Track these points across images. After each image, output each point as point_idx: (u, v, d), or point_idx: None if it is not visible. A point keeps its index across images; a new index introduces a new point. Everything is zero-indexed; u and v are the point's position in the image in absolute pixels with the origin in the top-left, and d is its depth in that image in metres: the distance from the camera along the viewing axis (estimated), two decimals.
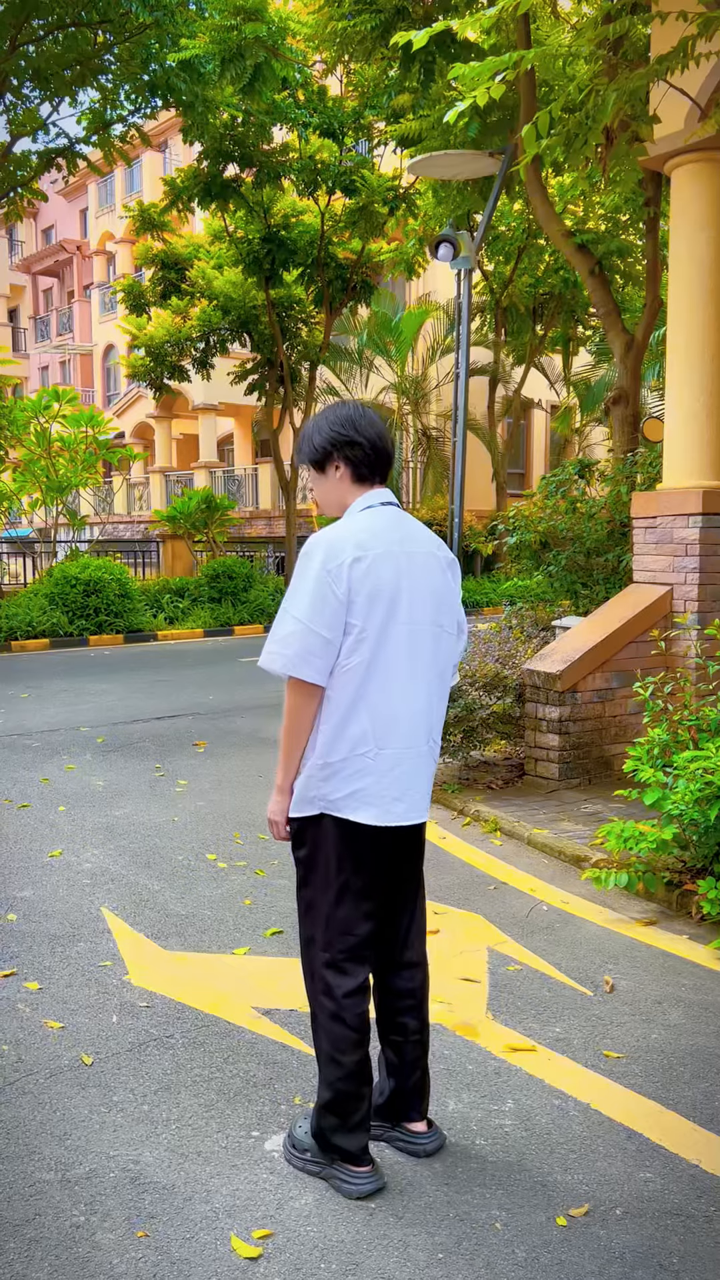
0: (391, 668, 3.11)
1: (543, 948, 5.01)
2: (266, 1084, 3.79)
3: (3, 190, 19.16)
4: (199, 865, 6.23)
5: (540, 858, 6.42)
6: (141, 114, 18.77)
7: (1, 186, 19.08)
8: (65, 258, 50.12)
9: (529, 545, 10.41)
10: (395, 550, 3.11)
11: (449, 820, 7.25)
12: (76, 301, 49.22)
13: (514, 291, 24.61)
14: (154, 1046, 4.05)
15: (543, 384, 30.56)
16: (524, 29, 9.21)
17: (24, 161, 19.26)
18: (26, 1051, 4.01)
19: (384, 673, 3.10)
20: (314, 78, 19.38)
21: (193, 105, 17.09)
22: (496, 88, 5.81)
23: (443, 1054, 4.00)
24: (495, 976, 4.69)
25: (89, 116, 18.46)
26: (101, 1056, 3.97)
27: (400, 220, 20.70)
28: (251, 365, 25.70)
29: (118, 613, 18.83)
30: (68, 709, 11.37)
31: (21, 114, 18.66)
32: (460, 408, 10.70)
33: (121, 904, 5.59)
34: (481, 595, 24.47)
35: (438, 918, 5.37)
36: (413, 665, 3.15)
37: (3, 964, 4.80)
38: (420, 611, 3.15)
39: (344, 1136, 3.18)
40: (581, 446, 31.45)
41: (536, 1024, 4.25)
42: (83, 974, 4.69)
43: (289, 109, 18.80)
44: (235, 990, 4.53)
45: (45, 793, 7.89)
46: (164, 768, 8.69)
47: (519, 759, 8.39)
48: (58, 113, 18.50)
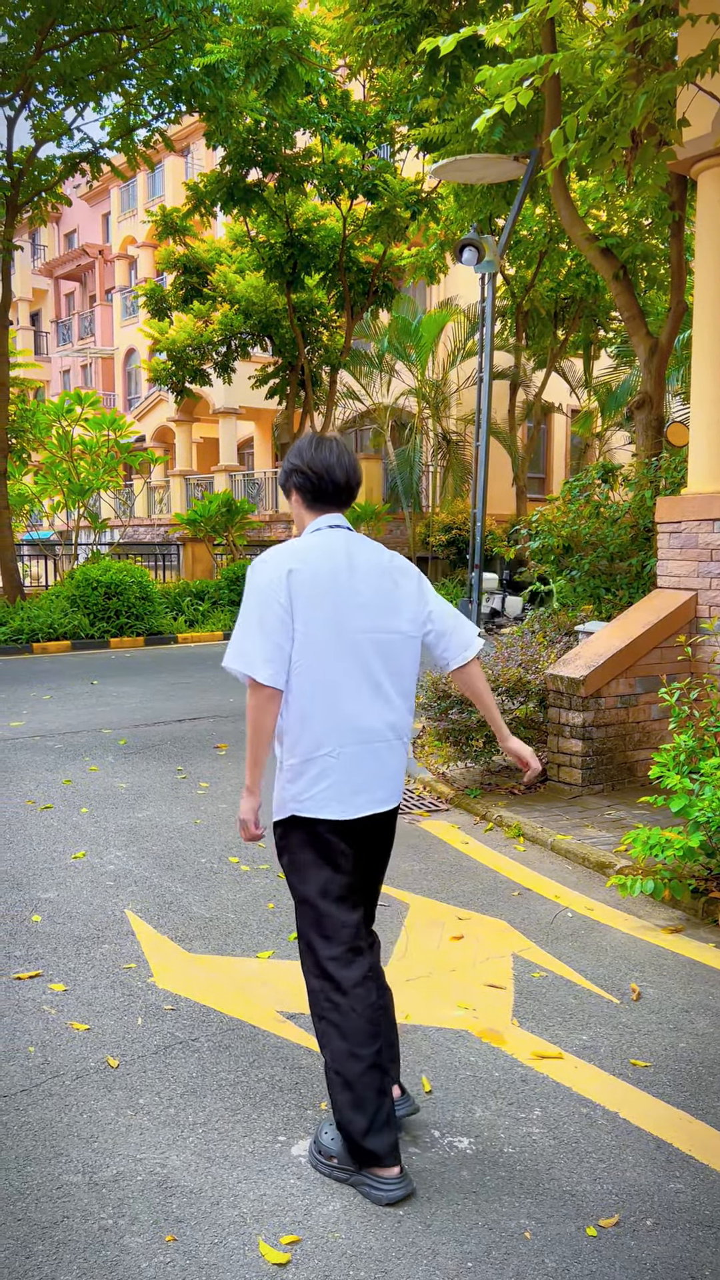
0: (341, 670, 3.27)
1: (568, 954, 4.99)
2: (292, 1089, 3.77)
3: (27, 195, 19.20)
4: (222, 868, 6.22)
5: (564, 864, 6.39)
6: (165, 119, 18.80)
7: (26, 191, 19.12)
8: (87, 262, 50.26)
9: (552, 550, 10.38)
10: (337, 563, 3.29)
11: (471, 825, 7.22)
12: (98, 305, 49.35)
13: (535, 295, 24.55)
14: (179, 1050, 4.04)
15: (563, 388, 30.48)
16: (549, 32, 9.20)
17: (48, 166, 19.31)
18: (53, 1053, 4.00)
19: (335, 675, 3.26)
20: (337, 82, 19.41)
21: (216, 110, 17.12)
22: (524, 93, 5.79)
23: (469, 1060, 3.97)
24: (521, 983, 4.66)
25: (113, 121, 18.50)
26: (127, 1059, 3.96)
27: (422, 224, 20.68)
28: (272, 369, 25.76)
29: (138, 615, 18.85)
30: (89, 711, 11.38)
31: (46, 119, 18.69)
32: (483, 411, 10.67)
33: (145, 906, 5.58)
34: None
35: (462, 923, 5.35)
36: (364, 667, 3.30)
37: (28, 965, 4.80)
38: (366, 618, 3.30)
39: (374, 1138, 3.15)
40: (602, 451, 31.35)
41: (563, 1031, 4.23)
42: (107, 976, 4.69)
43: (312, 114, 18.85)
44: (259, 994, 4.52)
45: (68, 794, 7.90)
46: (186, 770, 8.68)
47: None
48: (82, 117, 18.51)
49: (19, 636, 17.40)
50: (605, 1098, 3.74)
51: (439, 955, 4.95)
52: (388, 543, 27.30)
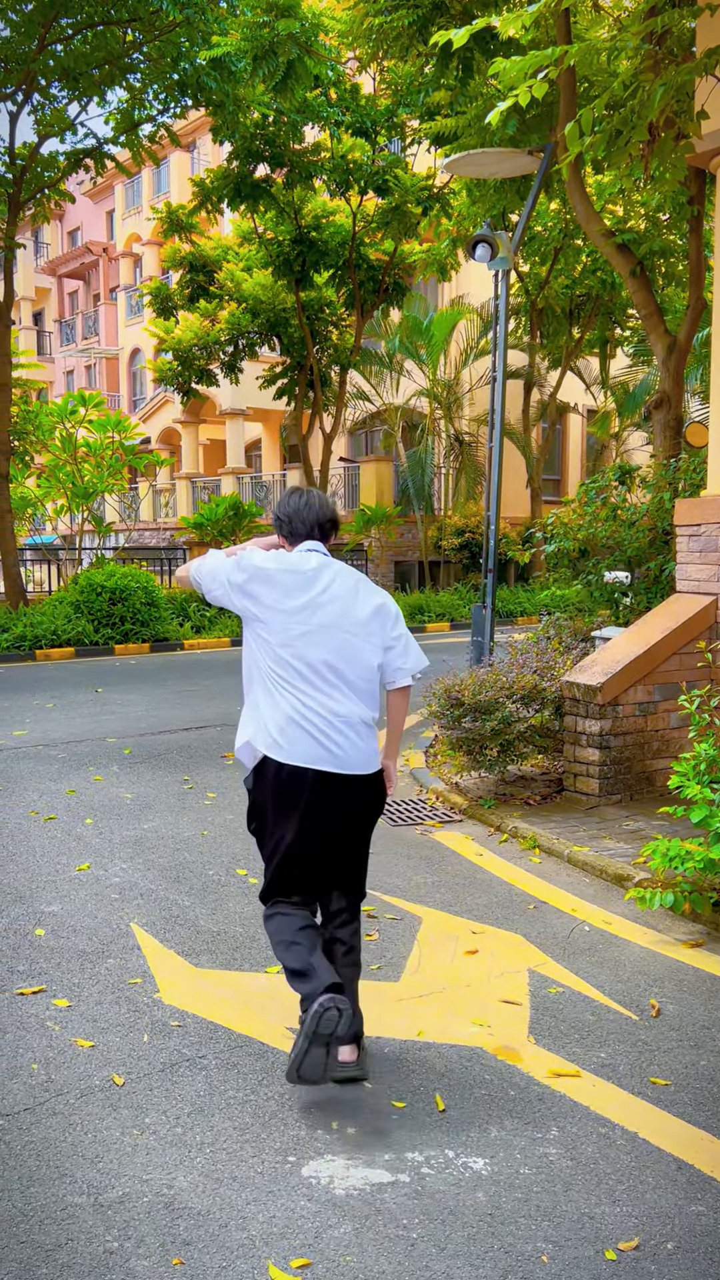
0: (292, 652, 3.94)
1: (586, 969, 4.98)
2: (302, 1107, 3.77)
3: (30, 191, 19.25)
4: (229, 880, 6.22)
5: (581, 876, 6.37)
6: (171, 113, 18.85)
7: (29, 188, 19.17)
8: (91, 260, 50.38)
9: (567, 553, 10.37)
10: (299, 569, 4.01)
11: (485, 836, 7.21)
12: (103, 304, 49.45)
13: (550, 293, 24.57)
14: (186, 1067, 4.04)
15: (579, 388, 30.47)
16: (564, 23, 9.20)
17: (51, 162, 19.35)
18: (57, 1071, 4.00)
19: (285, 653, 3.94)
20: (347, 75, 19.43)
21: (223, 104, 17.14)
22: (539, 86, 5.79)
23: (484, 1079, 3.97)
24: (537, 999, 4.66)
25: (117, 116, 18.54)
26: (133, 1077, 3.96)
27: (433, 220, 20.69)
28: (281, 369, 25.79)
29: (144, 621, 18.88)
30: (93, 719, 11.39)
31: (49, 114, 18.75)
32: (497, 411, 10.67)
33: (151, 920, 5.58)
34: (516, 605, 24.42)
35: (476, 937, 5.34)
36: (316, 651, 3.95)
37: (31, 980, 4.80)
38: (325, 613, 3.96)
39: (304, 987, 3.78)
40: (619, 452, 31.33)
41: (580, 1049, 4.22)
42: (113, 991, 4.69)
43: (321, 107, 18.87)
44: (268, 1009, 4.51)
45: (72, 805, 7.90)
46: (193, 780, 8.69)
47: (558, 774, 8.34)
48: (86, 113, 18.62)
49: (22, 643, 17.42)
50: (624, 1117, 3.73)
51: (453, 970, 4.94)
52: (399, 546, 27.43)
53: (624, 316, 25.84)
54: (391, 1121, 3.68)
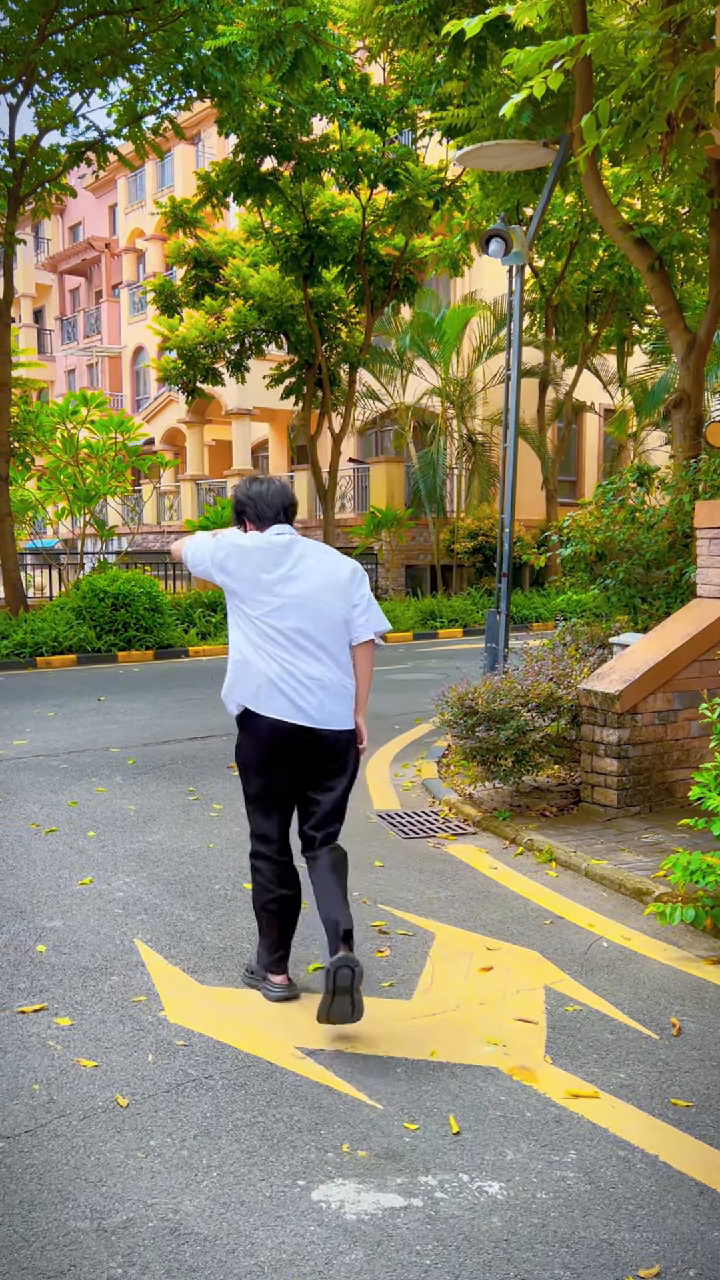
0: (269, 621, 4.60)
1: (604, 987, 4.97)
2: (312, 1129, 3.77)
3: (30, 186, 19.32)
4: (236, 894, 6.22)
5: (599, 890, 6.37)
6: (175, 105, 18.91)
7: (29, 182, 19.24)
8: (93, 256, 50.51)
9: (584, 557, 10.37)
10: (272, 546, 4.66)
11: (500, 850, 7.20)
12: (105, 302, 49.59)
13: (566, 289, 24.60)
14: (192, 1088, 4.04)
15: (596, 386, 30.49)
16: (580, 12, 9.20)
17: (52, 156, 19.43)
18: (59, 1091, 4.00)
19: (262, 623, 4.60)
20: (356, 65, 19.47)
21: (229, 95, 17.19)
22: (554, 77, 5.81)
23: (499, 1100, 3.96)
24: (554, 1017, 4.65)
25: (120, 108, 18.60)
26: (137, 1098, 3.96)
27: (445, 214, 20.73)
28: (288, 368, 25.84)
29: (148, 628, 18.91)
30: (96, 729, 11.41)
31: (50, 106, 18.82)
32: (511, 411, 10.67)
33: (155, 935, 5.58)
34: (531, 610, 24.43)
35: (491, 954, 5.34)
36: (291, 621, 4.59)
37: (33, 998, 4.81)
38: (298, 585, 4.61)
39: (269, 956, 4.80)
40: (637, 452, 31.32)
41: (599, 1069, 4.21)
42: (116, 1009, 4.69)
43: (329, 98, 18.91)
44: (277, 1029, 4.51)
45: (74, 817, 7.91)
46: (198, 791, 8.69)
47: (574, 785, 8.34)
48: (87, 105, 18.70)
49: (22, 650, 17.47)
50: (644, 1140, 3.72)
51: (467, 988, 4.94)
52: (410, 550, 27.45)
53: (642, 313, 25.87)
54: (404, 1144, 3.68)
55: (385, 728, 11.53)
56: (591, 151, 9.13)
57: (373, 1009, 4.64)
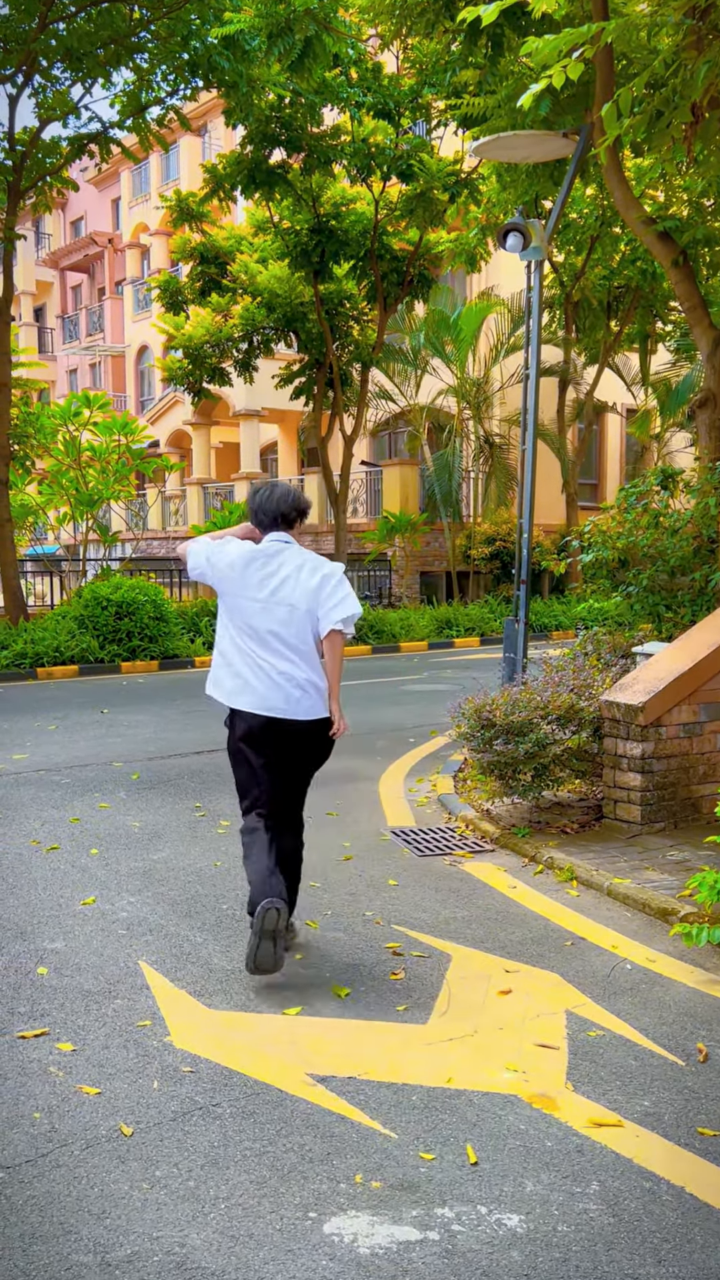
0: (248, 625, 5.39)
1: (627, 1011, 4.96)
2: (324, 1159, 3.76)
3: (31, 179, 19.38)
4: (244, 915, 6.22)
5: (622, 910, 6.36)
6: (180, 95, 18.94)
7: (29, 175, 19.30)
8: (96, 251, 50.69)
9: (606, 563, 10.36)
10: (256, 557, 5.42)
11: (519, 868, 7.20)
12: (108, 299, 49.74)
13: (586, 284, 24.60)
14: (199, 1116, 4.04)
15: (618, 385, 30.50)
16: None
17: (53, 148, 19.49)
18: (60, 1120, 4.01)
19: (243, 626, 5.41)
20: (368, 54, 19.50)
21: (236, 85, 17.24)
22: (574, 66, 5.82)
23: (518, 1129, 3.95)
24: (575, 1043, 4.64)
25: (123, 99, 18.66)
26: (142, 1126, 3.96)
27: (461, 208, 20.74)
28: (298, 367, 25.86)
29: (152, 637, 18.94)
30: (99, 742, 11.43)
31: (51, 97, 18.89)
32: (529, 411, 10.68)
33: (161, 957, 5.59)
34: (551, 618, 24.42)
35: (509, 976, 5.33)
36: (268, 625, 5.35)
37: (33, 1023, 4.82)
38: (278, 595, 5.36)
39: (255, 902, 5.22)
40: (661, 454, 31.32)
41: (622, 1096, 4.20)
42: (120, 1034, 4.70)
43: (341, 88, 18.94)
44: (287, 1055, 4.51)
45: (76, 834, 7.93)
46: (205, 807, 8.70)
47: (596, 800, 8.33)
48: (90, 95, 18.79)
49: (22, 661, 17.50)
50: (670, 1170, 3.71)
51: (484, 1012, 4.93)
52: (425, 556, 27.46)
53: (665, 309, 25.86)
54: (419, 1174, 3.67)
55: (400, 740, 11.53)
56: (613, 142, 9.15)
57: (387, 1034, 4.64)
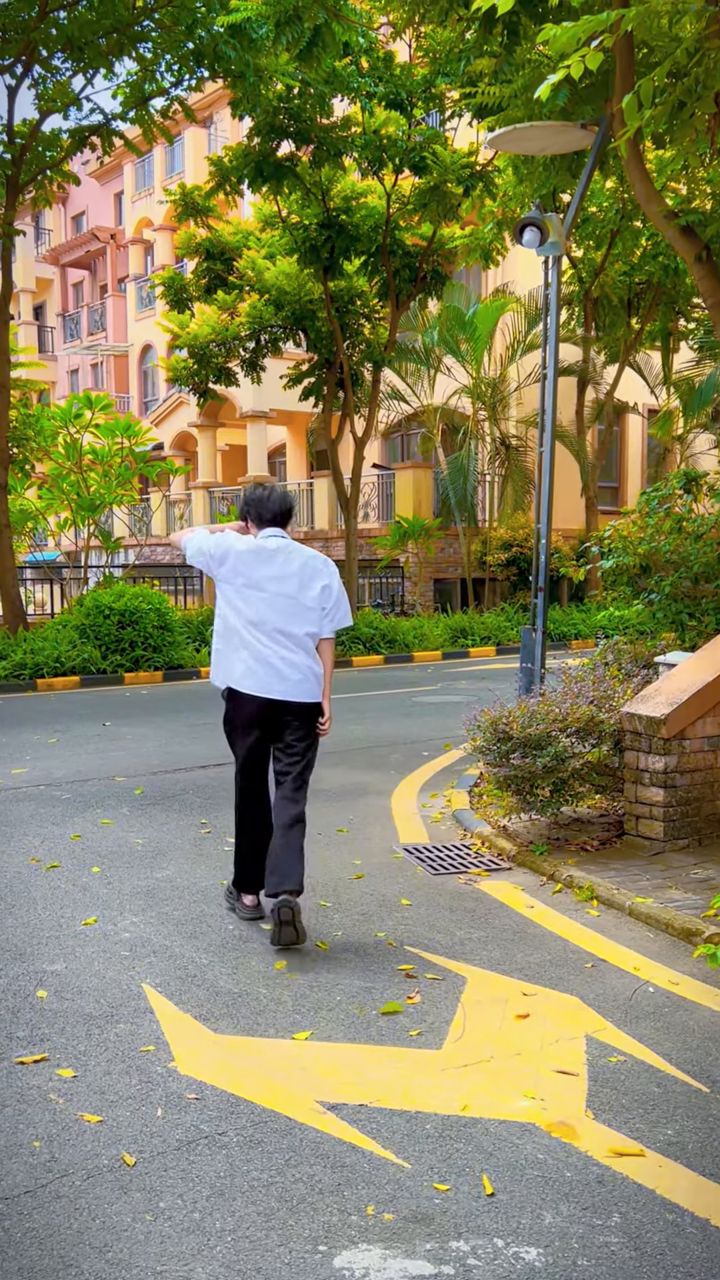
0: (250, 612, 6.13)
1: (650, 1036, 4.95)
2: (334, 1190, 3.76)
3: (30, 173, 19.44)
4: (252, 935, 6.23)
5: (644, 931, 6.35)
6: (185, 86, 19.00)
7: (29, 169, 19.36)
8: (98, 247, 50.84)
9: (627, 570, 10.35)
10: (262, 550, 6.18)
11: (537, 887, 7.19)
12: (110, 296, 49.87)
13: (606, 281, 24.61)
14: (205, 1145, 4.04)
15: (639, 385, 30.49)
16: None
17: (54, 141, 19.54)
18: (61, 1149, 4.01)
19: (245, 613, 6.14)
20: (380, 42, 19.52)
21: (243, 75, 17.27)
22: (593, 55, 5.82)
23: (536, 1158, 3.95)
24: (595, 1069, 4.63)
25: (126, 90, 18.71)
26: (145, 1156, 3.96)
27: (476, 201, 20.74)
28: (308, 367, 25.87)
29: (156, 647, 18.96)
30: (101, 756, 11.44)
31: (51, 88, 18.95)
32: (547, 412, 10.68)
33: (165, 979, 5.59)
34: (570, 627, 24.41)
35: (527, 1000, 5.32)
36: (268, 613, 6.12)
37: (33, 1048, 4.82)
38: (278, 585, 6.13)
39: (243, 881, 6.44)
40: (684, 456, 31.30)
41: (644, 1125, 4.19)
42: (122, 1060, 4.70)
43: (351, 78, 18.96)
44: (296, 1081, 4.51)
45: (77, 851, 7.94)
46: (211, 823, 8.71)
47: (617, 816, 8.32)
48: (92, 86, 18.82)
49: (21, 671, 17.53)
50: (694, 1202, 3.70)
51: (501, 1037, 4.93)
52: (439, 562, 27.48)
53: (689, 306, 25.85)
54: (434, 1206, 3.67)
55: (413, 754, 11.53)
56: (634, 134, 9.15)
57: (400, 1060, 4.63)
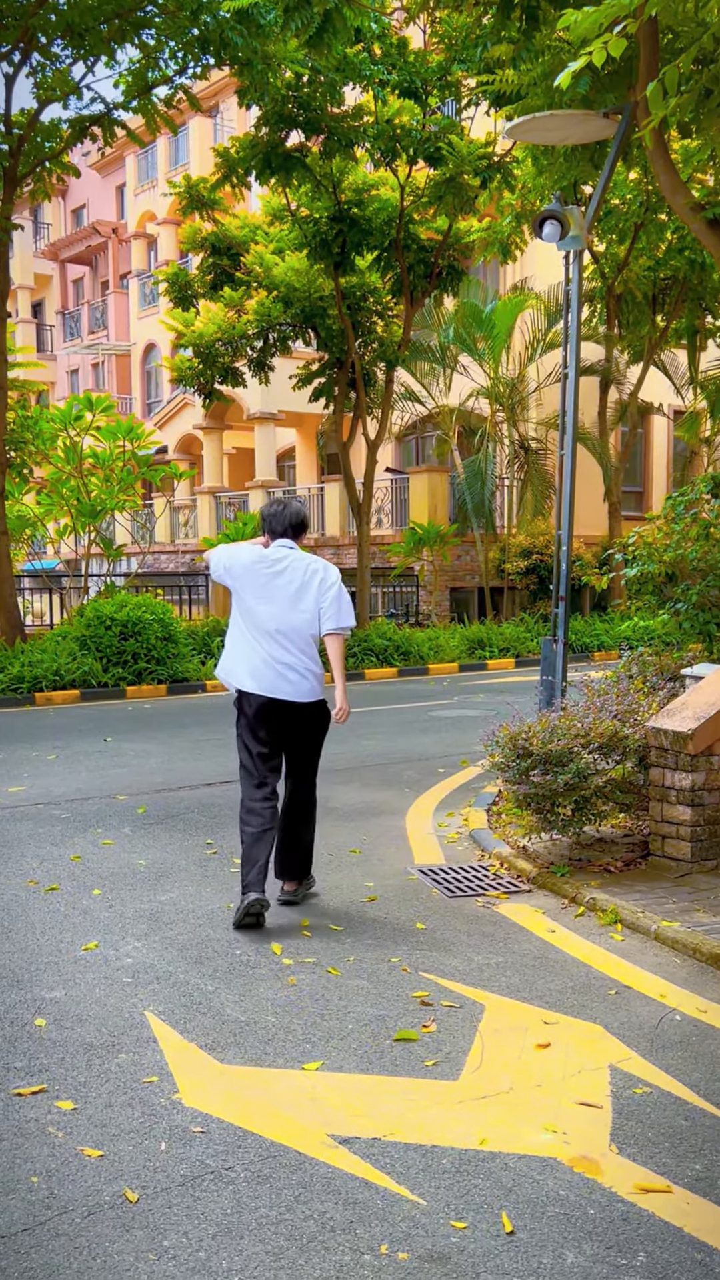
0: (254, 617, 6.93)
1: (677, 1066, 4.94)
2: (346, 1228, 3.75)
3: (28, 165, 19.48)
4: (260, 960, 6.23)
5: (670, 956, 6.34)
6: (190, 74, 19.04)
7: (27, 160, 19.39)
8: (99, 242, 50.96)
9: (652, 578, 10.34)
10: (264, 559, 6.97)
11: (558, 910, 7.18)
12: (112, 293, 49.99)
13: (630, 276, 24.61)
14: (210, 1180, 4.04)
15: (664, 385, 30.45)
16: None
17: (53, 131, 19.58)
18: (60, 1185, 4.01)
19: (250, 618, 6.96)
20: (393, 28, 19.55)
21: (250, 62, 17.29)
22: (615, 42, 5.83)
23: (558, 1195, 3.94)
24: (620, 1101, 4.62)
25: (128, 78, 18.74)
26: (148, 1192, 3.96)
27: (494, 194, 20.76)
28: (318, 366, 25.87)
29: (160, 659, 18.97)
30: (102, 773, 11.45)
31: (51, 76, 19.00)
32: (568, 413, 10.68)
33: (169, 1007, 5.59)
34: (593, 638, 24.38)
35: (548, 1028, 5.32)
36: (270, 618, 6.89)
37: (31, 1079, 4.82)
38: (279, 591, 6.90)
39: (246, 879, 6.77)
40: (711, 459, 31.26)
41: (671, 1159, 4.18)
42: (124, 1091, 4.70)
43: (363, 65, 18.96)
44: (306, 1113, 4.50)
45: (77, 873, 7.94)
46: (217, 843, 8.71)
47: (642, 836, 8.30)
48: (92, 74, 18.76)
49: (19, 685, 17.56)
50: None
51: (521, 1067, 4.92)
52: (455, 570, 27.51)
53: (716, 302, 25.84)
54: (450, 1245, 3.66)
55: (428, 771, 11.52)
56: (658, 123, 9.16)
57: (415, 1091, 4.63)
